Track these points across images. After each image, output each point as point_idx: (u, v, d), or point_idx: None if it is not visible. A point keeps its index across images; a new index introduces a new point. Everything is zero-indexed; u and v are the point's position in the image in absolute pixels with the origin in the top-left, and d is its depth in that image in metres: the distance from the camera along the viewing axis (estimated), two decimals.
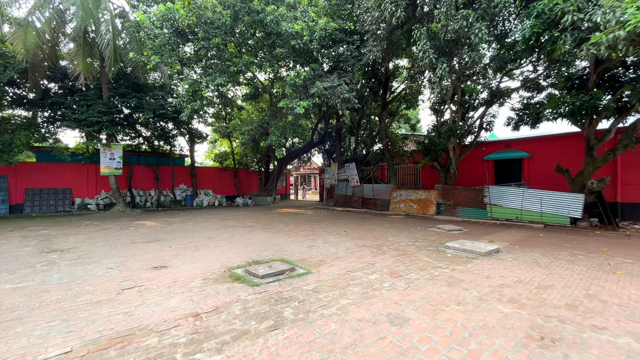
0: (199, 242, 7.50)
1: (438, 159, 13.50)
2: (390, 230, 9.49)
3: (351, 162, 17.45)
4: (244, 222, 11.59)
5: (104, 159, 14.08)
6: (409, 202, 14.33)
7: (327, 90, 8.84)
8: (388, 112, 14.73)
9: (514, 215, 11.05)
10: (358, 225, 10.51)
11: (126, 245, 7.16)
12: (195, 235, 8.48)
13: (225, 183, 22.22)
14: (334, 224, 10.86)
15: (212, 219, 12.65)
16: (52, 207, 15.19)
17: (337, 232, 9.04)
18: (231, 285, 4.36)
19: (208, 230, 9.51)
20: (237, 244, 7.34)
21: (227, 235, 8.46)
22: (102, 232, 9.25)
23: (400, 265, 5.44)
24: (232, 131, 16.71)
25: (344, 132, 20.11)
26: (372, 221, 11.75)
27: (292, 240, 7.81)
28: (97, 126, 13.24)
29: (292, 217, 13.36)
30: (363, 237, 8.27)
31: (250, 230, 9.37)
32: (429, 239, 7.93)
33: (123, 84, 14.24)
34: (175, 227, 10.24)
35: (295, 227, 10.22)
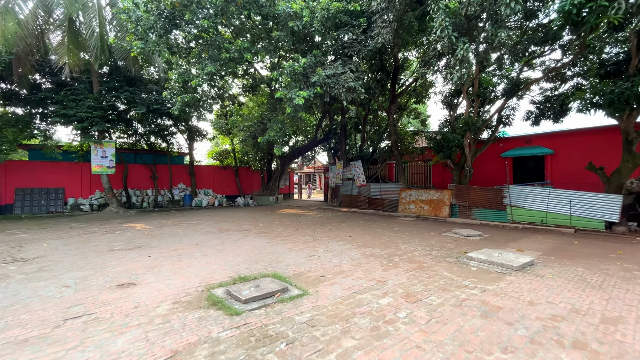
0: (184, 250, 6.62)
1: (452, 156, 12.43)
2: (401, 235, 8.50)
3: (357, 160, 16.45)
4: (240, 224, 10.70)
5: (95, 157, 13.32)
6: (420, 203, 13.29)
7: (330, 79, 7.86)
8: (397, 106, 13.69)
9: (539, 218, 9.95)
10: (364, 229, 9.53)
11: (101, 254, 6.30)
12: (183, 241, 7.61)
13: (226, 182, 21.41)
14: (338, 228, 9.90)
15: (208, 221, 11.80)
16: (43, 208, 14.52)
17: (342, 238, 8.08)
18: (205, 313, 3.44)
19: (199, 234, 8.64)
20: (227, 252, 6.44)
21: (217, 242, 7.57)
22: (84, 236, 8.44)
23: (416, 283, 4.46)
24: (232, 128, 15.87)
25: (350, 129, 19.11)
26: (379, 224, 10.76)
27: (289, 247, 6.87)
28: (87, 122, 12.47)
29: (294, 219, 12.44)
30: (370, 243, 7.30)
31: (244, 235, 8.47)
32: (447, 247, 6.92)
33: (115, 78, 13.45)
34: (165, 230, 9.39)
35: (295, 231, 9.29)
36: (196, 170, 19.76)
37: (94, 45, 10.77)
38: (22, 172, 14.44)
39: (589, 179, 10.68)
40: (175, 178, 18.89)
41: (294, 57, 7.96)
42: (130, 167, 17.06)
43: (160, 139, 17.38)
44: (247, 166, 22.70)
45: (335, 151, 20.16)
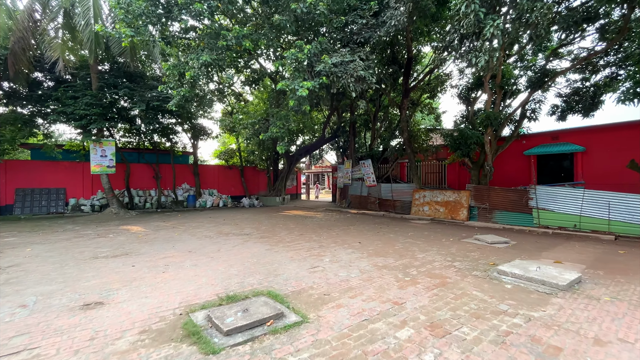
0: (174, 258, 5.93)
1: (470, 154, 11.47)
2: (416, 241, 7.63)
3: (367, 159, 15.59)
4: (242, 228, 10.01)
5: (94, 157, 12.87)
6: (435, 205, 12.35)
7: (337, 67, 7.06)
8: (410, 101, 12.77)
9: (571, 223, 8.92)
10: (375, 234, 8.70)
11: (81, 263, 5.67)
12: (176, 247, 6.94)
13: (231, 182, 20.84)
14: (347, 232, 9.09)
15: (208, 223, 11.16)
16: (44, 209, 14.17)
17: (350, 244, 7.27)
18: (175, 349, 2.71)
19: (195, 239, 7.96)
20: (221, 261, 5.72)
21: (213, 248, 6.86)
22: (73, 240, 7.87)
23: (442, 306, 3.63)
24: (236, 125, 15.23)
25: (359, 126, 18.24)
26: (392, 228, 9.90)
27: (291, 256, 6.11)
28: (85, 120, 12.00)
29: (299, 221, 11.68)
30: (383, 251, 6.47)
31: (244, 241, 7.75)
32: (471, 257, 6.04)
33: (114, 74, 12.97)
34: (161, 234, 8.77)
35: (299, 235, 8.52)
36: (201, 170, 19.25)
37: (89, 37, 10.26)
38: (23, 172, 14.12)
39: (628, 179, 9.58)
40: (179, 178, 18.41)
41: (297, 43, 7.19)
42: (132, 167, 16.63)
43: (163, 138, 16.89)
44: (253, 166, 22.09)
45: (344, 150, 19.33)
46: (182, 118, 15.87)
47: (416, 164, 13.12)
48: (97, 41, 10.49)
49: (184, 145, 18.80)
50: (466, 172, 14.11)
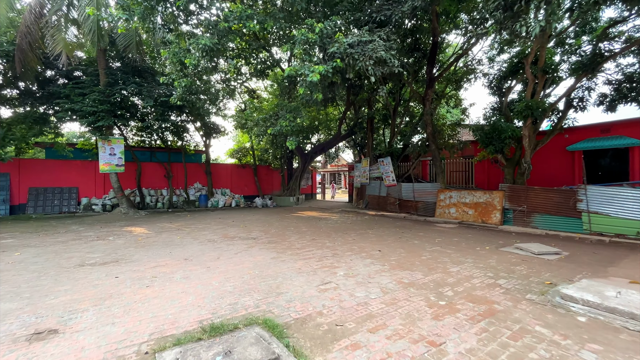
0: (166, 268, 5.19)
1: (504, 150, 10.19)
2: (446, 249, 6.56)
3: (386, 157, 14.50)
4: (250, 230, 9.24)
5: (102, 155, 12.52)
6: (463, 207, 11.13)
7: (354, 48, 6.10)
8: (434, 92, 11.57)
9: (632, 230, 7.53)
10: (397, 239, 7.67)
11: (62, 272, 5.03)
12: (172, 254, 6.22)
13: (244, 181, 20.27)
14: (365, 237, 8.12)
15: (216, 225, 10.48)
16: (56, 208, 14.04)
17: (369, 252, 6.31)
18: None
19: (196, 244, 7.24)
20: (217, 273, 4.91)
21: (212, 255, 6.09)
22: (69, 243, 7.35)
23: (497, 352, 2.63)
24: (247, 122, 14.57)
25: (377, 122, 17.15)
26: (415, 232, 8.82)
27: (299, 267, 5.22)
28: (93, 117, 11.64)
29: (313, 223, 10.80)
30: (408, 263, 5.47)
31: (249, 246, 6.94)
32: (517, 272, 4.94)
33: (122, 69, 12.58)
34: (162, 237, 8.12)
35: (311, 240, 7.63)
36: (213, 169, 18.77)
37: (90, 29, 9.82)
38: (36, 171, 14.04)
39: None
40: (191, 177, 18.00)
41: (307, 22, 6.31)
42: (144, 166, 16.33)
43: (174, 136, 16.49)
44: (267, 165, 21.44)
45: (361, 147, 18.30)
46: (192, 115, 15.39)
47: (441, 161, 11.92)
48: (100, 33, 10.06)
49: (196, 143, 18.37)
50: (497, 170, 12.77)
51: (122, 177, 15.56)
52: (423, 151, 12.01)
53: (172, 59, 7.36)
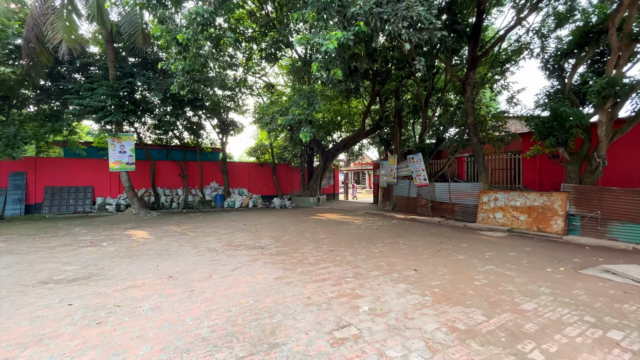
0: (140, 290, 4.08)
1: (568, 142, 8.27)
2: (504, 270, 4.96)
3: (416, 154, 12.84)
4: (260, 236, 8.07)
5: (112, 153, 11.95)
6: (512, 211, 9.30)
7: (382, 7, 4.69)
8: (476, 75, 9.74)
9: None
10: (436, 253, 6.15)
11: (15, 292, 4.07)
12: (159, 268, 5.14)
13: (262, 181, 19.32)
14: (394, 248, 6.65)
15: (226, 228, 9.44)
16: (71, 207, 13.75)
17: (401, 272, 4.87)
18: None
19: (193, 254, 6.15)
20: (199, 302, 3.72)
21: (204, 272, 4.93)
22: (54, 250, 6.54)
23: None
24: (263, 116, 13.50)
25: (406, 114, 15.47)
26: (456, 242, 7.21)
27: (308, 295, 3.90)
28: (101, 112, 11.04)
29: (332, 229, 9.46)
30: (457, 292, 3.98)
31: (252, 259, 5.73)
32: (631, 316, 3.30)
33: (132, 62, 11.92)
34: (159, 244, 7.14)
35: (329, 252, 6.29)
36: (230, 167, 17.96)
37: (91, 13, 9.11)
38: (53, 170, 13.83)
39: None
40: (207, 176, 17.28)
41: None
42: (159, 164, 15.79)
43: (189, 133, 15.80)
44: (286, 163, 20.37)
45: (388, 143, 16.68)
46: (205, 109, 14.54)
47: (483, 157, 10.10)
48: (101, 19, 9.33)
49: (213, 141, 17.64)
50: (552, 167, 10.76)
51: (136, 176, 15.11)
52: (462, 145, 10.26)
53: (165, 37, 6.35)
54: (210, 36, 6.32)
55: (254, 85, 17.63)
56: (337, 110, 17.72)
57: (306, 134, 7.29)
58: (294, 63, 10.03)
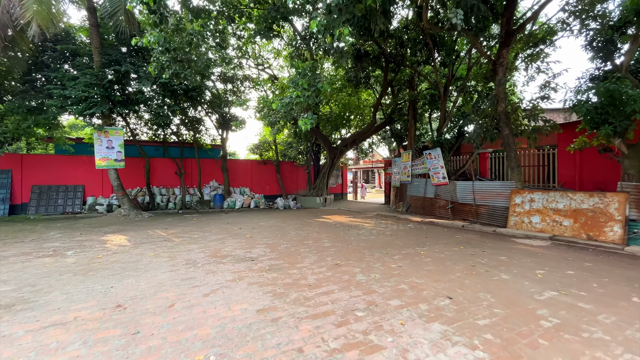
0: (65, 331, 2.90)
1: (628, 131, 6.79)
2: (574, 300, 3.59)
3: (434, 149, 11.45)
4: (253, 244, 6.85)
5: (99, 148, 10.93)
6: (553, 215, 7.84)
7: None
8: (507, 55, 8.22)
9: None
10: (470, 269, 4.80)
11: None
12: (113, 290, 3.96)
13: (265, 179, 18.15)
14: (416, 262, 5.33)
15: (217, 233, 8.27)
16: (59, 208, 12.82)
17: (431, 301, 3.56)
18: None
19: (164, 269, 4.96)
20: (136, 355, 2.49)
21: (167, 298, 3.72)
22: (8, 260, 5.46)
23: None
24: (264, 107, 12.29)
25: (421, 107, 14.04)
26: (492, 255, 5.83)
27: (300, 345, 2.63)
28: (85, 104, 10.01)
29: (339, 234, 8.18)
30: (524, 343, 2.65)
31: (236, 278, 4.50)
32: None
33: (119, 49, 10.88)
34: (130, 255, 6.00)
35: (333, 268, 5.02)
36: (231, 165, 16.85)
37: None
38: (41, 168, 12.93)
39: None
40: (206, 174, 16.21)
41: None
42: (154, 162, 14.79)
43: (186, 128, 14.73)
44: (291, 161, 19.14)
45: (400, 139, 15.28)
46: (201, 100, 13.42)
47: (516, 152, 8.63)
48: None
49: (213, 137, 16.54)
50: (596, 163, 9.24)
51: (131, 174, 14.14)
52: (490, 138, 8.81)
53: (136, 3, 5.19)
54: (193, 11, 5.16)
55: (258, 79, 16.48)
56: (345, 104, 16.40)
57: (306, 121, 6.01)
58: (292, 41, 8.78)
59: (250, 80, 15.82)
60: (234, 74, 14.32)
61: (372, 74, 13.83)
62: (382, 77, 13.72)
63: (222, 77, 14.07)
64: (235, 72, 14.39)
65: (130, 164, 14.19)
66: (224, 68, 13.31)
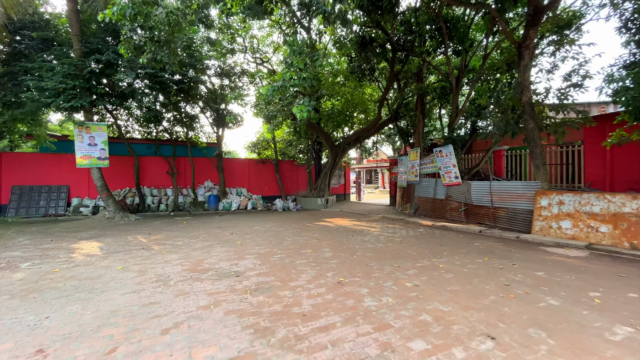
0: None
1: None
2: None
3: (446, 146, 10.48)
4: (242, 254, 5.91)
5: (80, 145, 10.04)
6: (587, 219, 6.84)
7: None
8: (536, 35, 7.14)
9: None
10: (505, 291, 3.83)
11: None
12: (47, 322, 3.04)
13: (264, 180, 17.22)
14: (436, 279, 4.36)
15: (204, 240, 7.34)
16: (41, 210, 11.96)
17: (466, 343, 2.60)
18: None
19: (128, 288, 4.04)
20: None
21: (113, 336, 2.78)
22: None
23: None
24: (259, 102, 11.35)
25: (430, 100, 13.07)
26: (525, 268, 4.85)
27: None
28: (63, 96, 9.13)
29: (342, 241, 7.22)
30: None
31: (211, 303, 3.56)
32: None
33: (101, 36, 9.99)
34: (95, 267, 5.09)
35: (335, 287, 4.07)
36: (227, 164, 15.94)
37: None
38: (23, 167, 12.08)
39: None
40: (201, 174, 15.31)
41: None
42: (146, 161, 13.93)
43: (179, 124, 13.84)
44: (291, 160, 18.21)
45: (407, 136, 14.29)
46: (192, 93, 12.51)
47: (542, 148, 7.62)
48: None
49: (208, 135, 15.65)
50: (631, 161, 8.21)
51: (119, 174, 13.32)
52: (512, 132, 7.81)
53: None
54: None
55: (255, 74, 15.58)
56: (348, 100, 15.44)
57: (302, 108, 5.06)
58: (286, 15, 7.85)
59: (248, 75, 14.91)
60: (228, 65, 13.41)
61: (378, 66, 12.87)
62: (388, 70, 12.76)
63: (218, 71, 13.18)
64: (226, 59, 13.45)
65: (119, 162, 13.36)
66: (215, 55, 12.35)
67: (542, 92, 7.70)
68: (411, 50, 10.29)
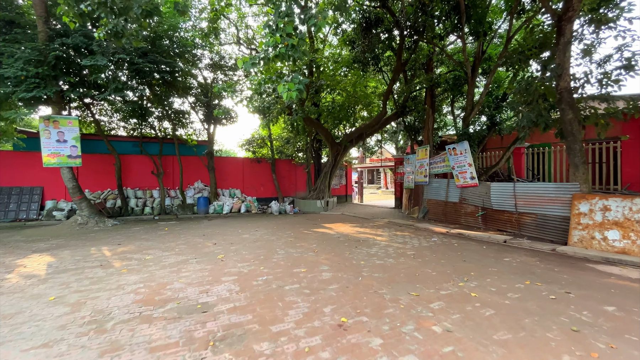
0: None
1: None
2: None
3: (461, 143, 9.28)
4: (219, 274, 4.73)
5: (47, 142, 8.89)
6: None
7: None
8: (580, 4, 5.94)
9: None
10: (572, 339, 2.64)
11: None
12: None
13: (259, 180, 16.04)
14: (470, 318, 3.17)
15: (179, 254, 6.17)
16: (11, 214, 10.82)
17: None
18: None
19: (37, 339, 2.87)
20: None
21: None
22: None
23: None
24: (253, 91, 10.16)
25: (441, 93, 11.86)
26: (585, 299, 3.66)
27: None
28: (24, 86, 7.97)
29: (344, 255, 6.03)
30: None
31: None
32: None
33: None
34: (24, 296, 3.94)
35: (335, 334, 2.88)
36: (219, 163, 14.78)
37: None
38: None
39: None
40: (190, 174, 14.14)
41: None
42: (127, 160, 12.78)
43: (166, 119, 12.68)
44: (289, 159, 17.02)
45: (415, 132, 13.08)
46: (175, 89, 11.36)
47: (582, 144, 6.42)
48: None
49: (198, 131, 14.50)
50: None
51: (99, 174, 12.19)
52: (544, 124, 6.59)
53: None
54: None
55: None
56: (350, 93, 14.24)
57: (290, 86, 3.81)
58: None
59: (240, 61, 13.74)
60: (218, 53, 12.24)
61: (383, 55, 11.66)
62: (394, 60, 11.56)
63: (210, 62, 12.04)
64: (212, 46, 12.26)
65: (100, 162, 12.25)
66: (198, 36, 11.13)
67: (581, 77, 6.46)
68: (422, 34, 9.07)
